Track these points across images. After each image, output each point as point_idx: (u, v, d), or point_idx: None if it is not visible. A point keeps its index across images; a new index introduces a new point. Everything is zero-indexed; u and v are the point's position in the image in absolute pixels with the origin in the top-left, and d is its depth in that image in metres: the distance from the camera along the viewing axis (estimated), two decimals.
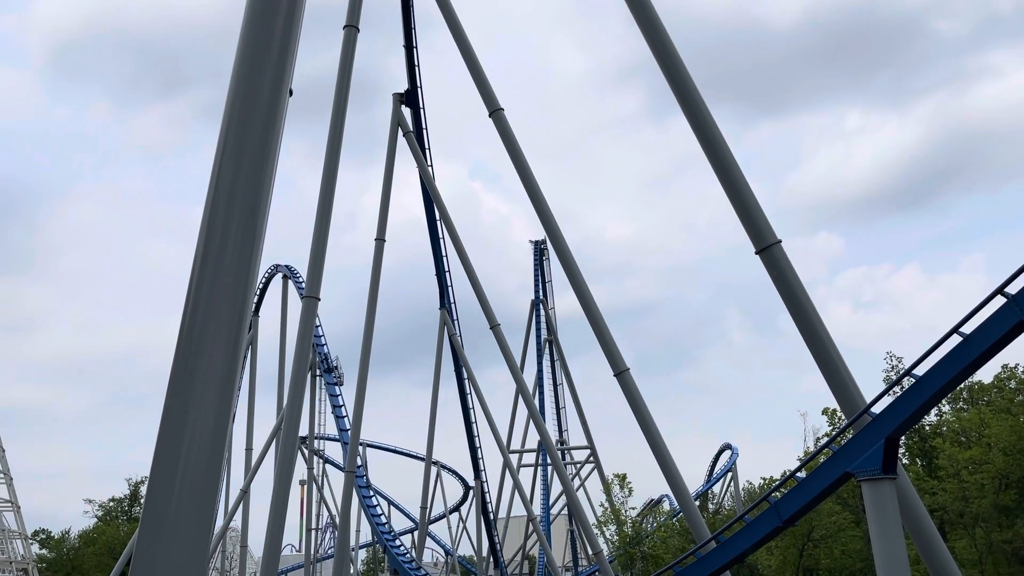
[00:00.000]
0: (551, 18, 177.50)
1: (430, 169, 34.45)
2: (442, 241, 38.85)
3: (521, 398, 47.80)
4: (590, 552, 37.59)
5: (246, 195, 5.88)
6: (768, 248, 14.85)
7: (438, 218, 37.04)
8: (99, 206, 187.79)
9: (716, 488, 69.60)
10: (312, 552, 51.97)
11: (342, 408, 48.75)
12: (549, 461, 56.26)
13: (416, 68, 33.74)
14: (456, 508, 65.83)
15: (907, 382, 14.93)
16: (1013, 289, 13.14)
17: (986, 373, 41.73)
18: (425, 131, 34.69)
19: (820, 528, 38.05)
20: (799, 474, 16.96)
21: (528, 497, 52.64)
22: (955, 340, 13.63)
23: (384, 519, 55.46)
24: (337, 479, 59.15)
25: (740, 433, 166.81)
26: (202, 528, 5.03)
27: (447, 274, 40.81)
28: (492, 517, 53.08)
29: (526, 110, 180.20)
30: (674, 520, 49.30)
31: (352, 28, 23.97)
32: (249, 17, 6.41)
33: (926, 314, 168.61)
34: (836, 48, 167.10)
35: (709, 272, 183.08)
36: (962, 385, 37.28)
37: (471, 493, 56.69)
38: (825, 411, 40.79)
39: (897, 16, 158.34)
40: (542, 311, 62.49)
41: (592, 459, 63.25)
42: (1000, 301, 13.24)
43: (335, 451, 58.78)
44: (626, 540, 44.38)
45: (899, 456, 14.69)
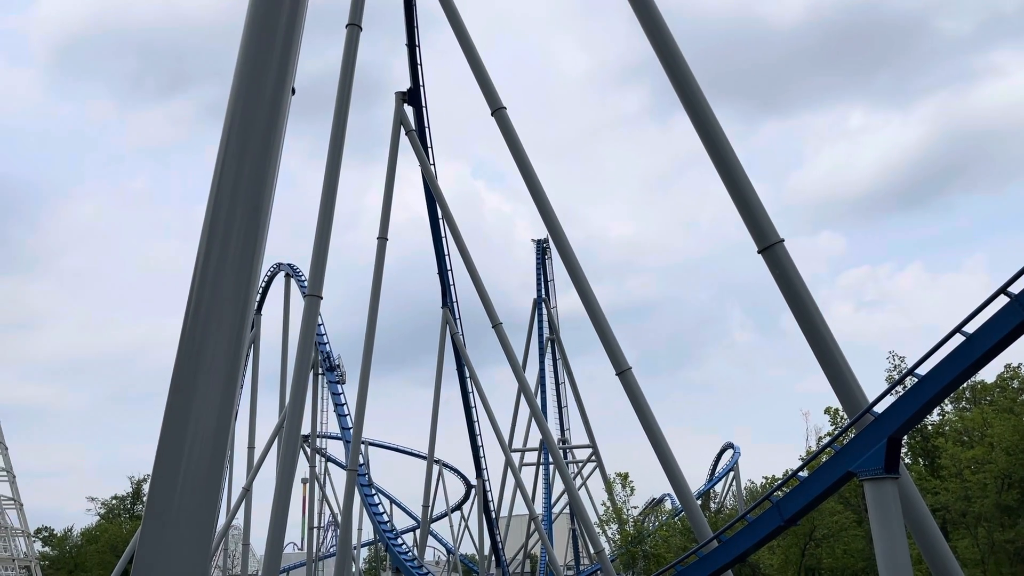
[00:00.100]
0: (554, 17, 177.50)
1: (432, 168, 34.46)
2: (444, 240, 38.88)
3: (523, 397, 47.79)
4: (592, 551, 37.56)
5: (249, 193, 5.88)
6: (771, 247, 14.84)
7: (440, 217, 37.04)
8: (102, 205, 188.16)
9: (718, 487, 69.61)
10: (314, 550, 52.03)
11: (344, 406, 48.81)
12: (551, 460, 56.23)
13: (419, 67, 33.75)
14: (458, 507, 65.87)
15: (909, 381, 14.91)
16: (1016, 289, 13.12)
17: (989, 373, 41.76)
18: (427, 130, 34.71)
19: (822, 527, 38.03)
20: (801, 473, 16.96)
21: (530, 496, 52.69)
22: (958, 339, 13.61)
23: (386, 517, 55.53)
24: (339, 477, 59.13)
25: (742, 432, 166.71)
26: (204, 526, 5.04)
27: (449, 273, 40.83)
28: (494, 516, 53.09)
29: (528, 109, 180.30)
30: (676, 519, 49.29)
31: (355, 27, 23.97)
32: (252, 16, 6.42)
33: (928, 313, 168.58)
34: (839, 47, 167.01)
35: (711, 271, 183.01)
36: (965, 384, 37.23)
37: (473, 492, 56.72)
38: (827, 410, 40.76)
39: (900, 15, 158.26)
40: (544, 310, 62.50)
41: (594, 458, 63.29)
42: (1003, 301, 13.22)
43: (337, 449, 58.94)
44: (628, 539, 44.38)
45: (901, 456, 14.67)
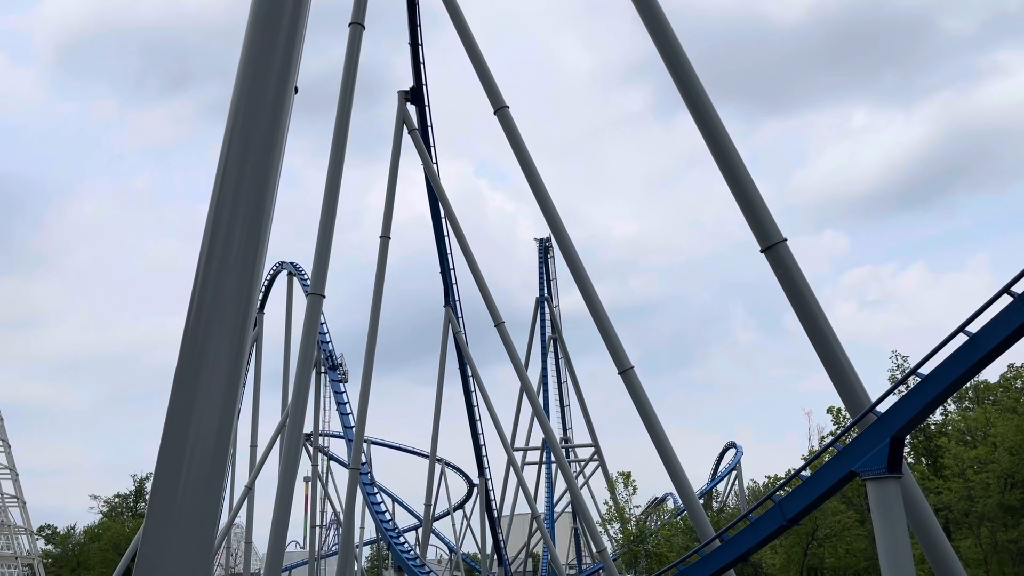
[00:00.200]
0: (557, 16, 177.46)
1: (435, 167, 34.46)
2: (447, 238, 38.88)
3: (525, 396, 47.79)
4: (594, 550, 37.56)
5: (251, 192, 5.88)
6: (773, 246, 14.82)
7: (443, 215, 37.05)
8: (105, 203, 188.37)
9: (720, 486, 69.53)
10: (316, 549, 52.10)
11: (346, 405, 48.83)
12: (553, 459, 56.24)
13: (421, 65, 33.75)
14: (460, 505, 65.88)
15: (912, 381, 14.89)
16: (1019, 288, 13.09)
17: (992, 372, 41.72)
18: (430, 128, 34.71)
19: (824, 527, 38.03)
20: (804, 473, 16.92)
21: (532, 495, 52.69)
22: (961, 339, 13.59)
23: (388, 516, 55.53)
24: (341, 476, 59.15)
25: (744, 431, 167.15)
26: (207, 524, 5.04)
27: (452, 271, 40.83)
28: (496, 515, 53.09)
29: (531, 108, 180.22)
30: (678, 518, 49.28)
31: (357, 25, 23.98)
32: (255, 15, 6.42)
33: (932, 313, 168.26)
34: (842, 46, 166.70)
35: (714, 271, 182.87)
36: (968, 384, 37.18)
37: (475, 490, 56.73)
38: (830, 410, 40.77)
39: (904, 14, 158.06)
40: (547, 309, 62.49)
41: (596, 457, 63.27)
42: (1006, 300, 13.19)
43: (339, 448, 58.92)
44: (630, 538, 44.40)
45: (904, 455, 14.65)
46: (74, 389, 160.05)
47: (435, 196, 36.28)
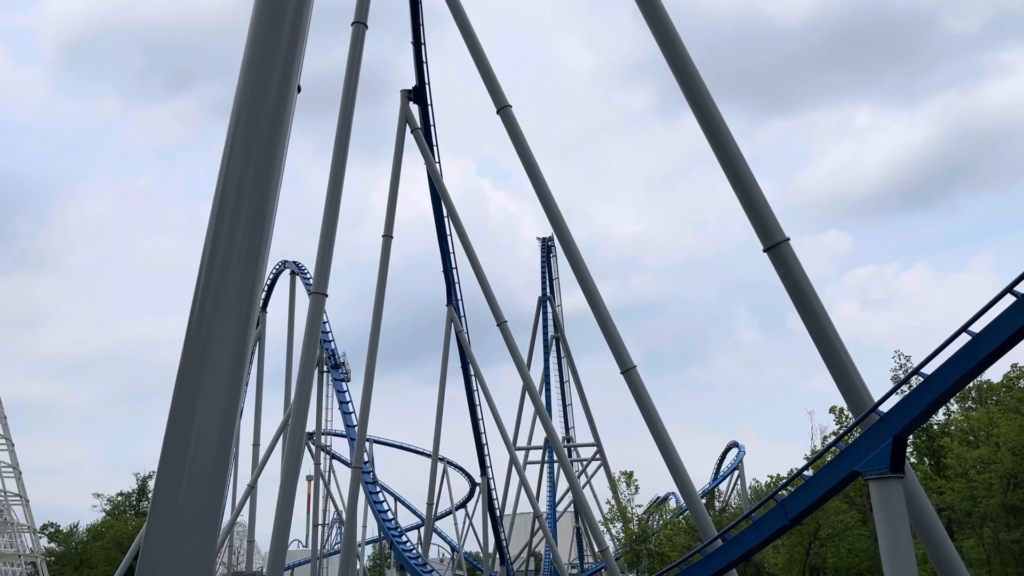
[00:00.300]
0: (560, 15, 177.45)
1: (438, 166, 34.47)
2: (449, 238, 38.89)
3: (528, 395, 47.76)
4: (596, 549, 37.56)
5: (254, 191, 5.88)
6: (776, 246, 14.81)
7: (446, 215, 37.07)
8: (108, 202, 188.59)
9: (723, 486, 69.45)
10: (319, 547, 52.16)
11: (349, 404, 48.87)
12: (555, 458, 56.25)
13: (424, 64, 33.75)
14: (462, 505, 65.90)
15: (915, 381, 14.87)
16: (1022, 288, 13.08)
17: (995, 372, 41.69)
18: (433, 128, 34.72)
19: (827, 527, 37.99)
20: (806, 472, 16.91)
21: (534, 494, 52.67)
22: (964, 339, 13.57)
23: (390, 515, 55.55)
24: (344, 475, 59.36)
25: (747, 431, 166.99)
26: (209, 523, 5.05)
27: (454, 271, 40.85)
28: (498, 514, 53.11)
29: (534, 107, 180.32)
30: (680, 518, 49.26)
31: (360, 24, 23.97)
32: (258, 13, 6.42)
33: (935, 313, 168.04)
34: (846, 46, 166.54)
35: (717, 270, 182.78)
36: (971, 384, 37.14)
37: (477, 490, 56.75)
38: (832, 409, 40.73)
39: (907, 14, 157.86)
40: (549, 308, 62.48)
41: (598, 456, 63.27)
42: (1009, 300, 13.18)
43: (342, 447, 58.95)
44: (632, 537, 44.34)
45: (907, 455, 14.64)
46: (77, 387, 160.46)
47: (438, 195, 36.29)
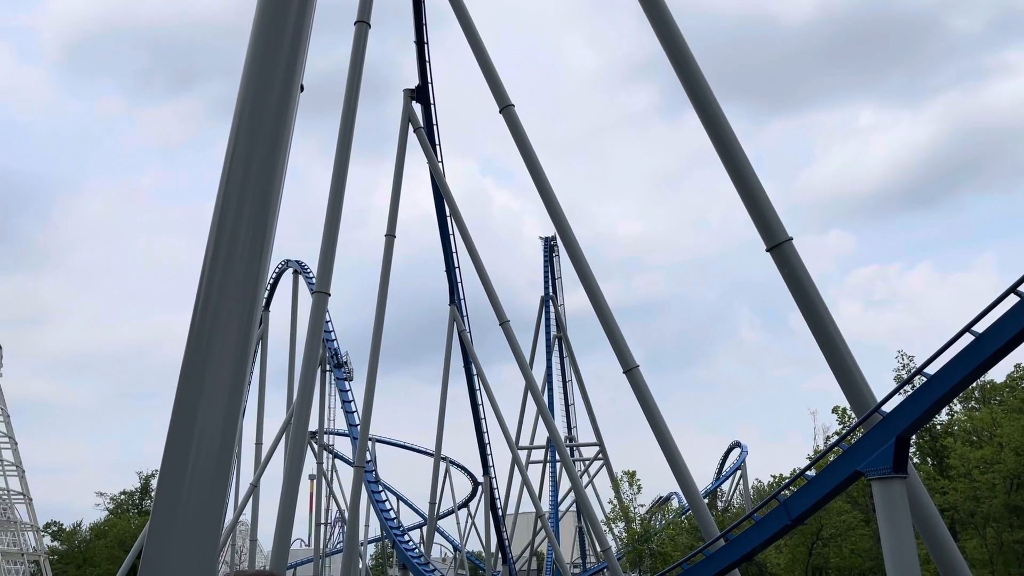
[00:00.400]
0: (563, 15, 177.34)
1: (440, 165, 34.49)
2: (452, 237, 38.92)
3: (530, 394, 47.78)
4: (598, 549, 37.59)
5: (257, 190, 5.88)
6: (779, 246, 14.79)
7: (448, 214, 37.09)
8: (111, 201, 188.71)
9: (725, 486, 69.43)
10: (321, 546, 52.20)
11: (352, 403, 48.90)
12: (558, 458, 56.24)
13: (427, 64, 33.78)
14: (465, 504, 65.95)
15: (918, 381, 14.86)
16: None
17: (998, 372, 41.59)
18: (436, 127, 34.75)
19: (829, 527, 37.96)
20: (809, 472, 16.91)
21: (537, 494, 52.69)
22: (967, 339, 13.56)
23: (393, 514, 55.60)
24: (346, 474, 59.37)
25: (749, 431, 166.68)
26: (212, 521, 5.05)
27: (457, 270, 40.88)
28: (501, 513, 53.14)
29: (537, 106, 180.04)
30: (683, 518, 49.25)
31: (363, 24, 23.98)
32: (261, 12, 6.43)
33: (938, 313, 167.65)
34: (849, 45, 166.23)
35: (719, 270, 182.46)
36: (974, 384, 37.08)
37: (480, 489, 56.78)
38: (835, 409, 40.72)
39: (911, 13, 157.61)
40: (552, 307, 62.46)
41: (601, 456, 63.26)
42: (1013, 300, 13.16)
43: (344, 446, 59.05)
44: (635, 537, 44.35)
45: (909, 455, 14.62)
46: (80, 386, 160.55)
47: (440, 194, 36.30)
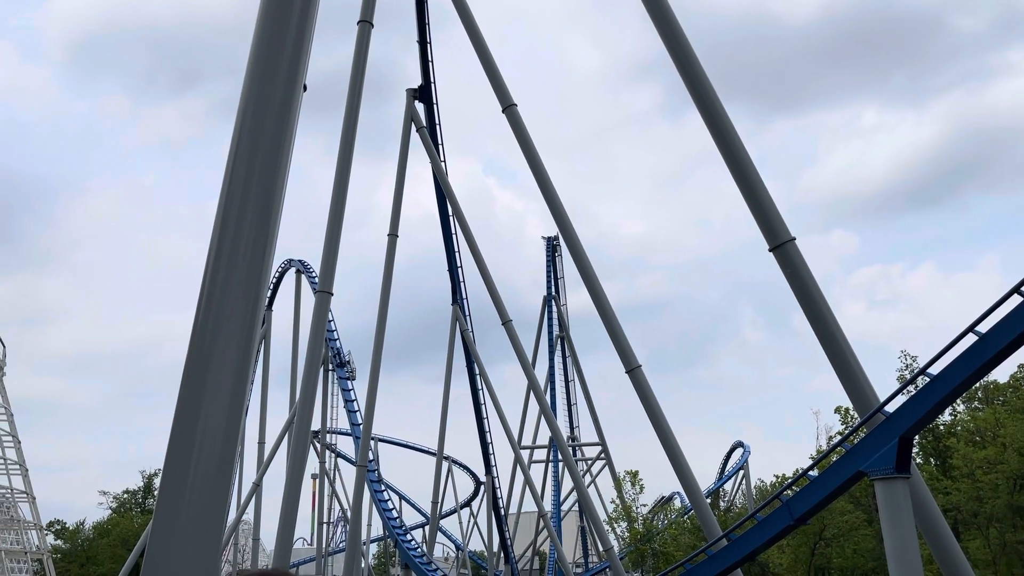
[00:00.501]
0: (566, 14, 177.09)
1: (443, 165, 34.49)
2: (455, 237, 38.92)
3: (533, 394, 47.79)
4: (601, 549, 37.59)
5: (260, 190, 5.89)
6: (782, 245, 14.77)
7: (451, 213, 37.09)
8: (114, 200, 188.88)
9: (728, 486, 69.34)
10: (324, 545, 52.24)
11: (354, 403, 48.94)
12: (560, 457, 56.23)
13: (430, 64, 33.78)
14: (467, 503, 65.96)
15: (921, 381, 14.84)
16: None
17: (1002, 372, 41.58)
18: (438, 127, 34.75)
19: (832, 527, 37.93)
20: (811, 472, 16.89)
21: (539, 493, 52.67)
22: (971, 339, 13.54)
23: (395, 514, 55.66)
24: (349, 473, 59.33)
25: (752, 431, 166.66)
26: (215, 520, 5.05)
27: (459, 270, 40.89)
28: (503, 513, 53.15)
29: (540, 106, 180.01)
30: (685, 517, 49.20)
31: (366, 23, 23.98)
32: (264, 12, 6.43)
33: (941, 313, 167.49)
34: (852, 45, 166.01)
35: (722, 269, 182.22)
36: (977, 384, 37.03)
37: (482, 488, 56.79)
38: (838, 409, 40.69)
39: (915, 12, 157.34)
40: (554, 307, 62.45)
41: (603, 455, 63.25)
42: (1017, 300, 13.14)
43: (347, 445, 59.08)
44: (637, 537, 44.33)
45: (912, 455, 14.60)
46: (83, 385, 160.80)
47: (443, 194, 36.30)
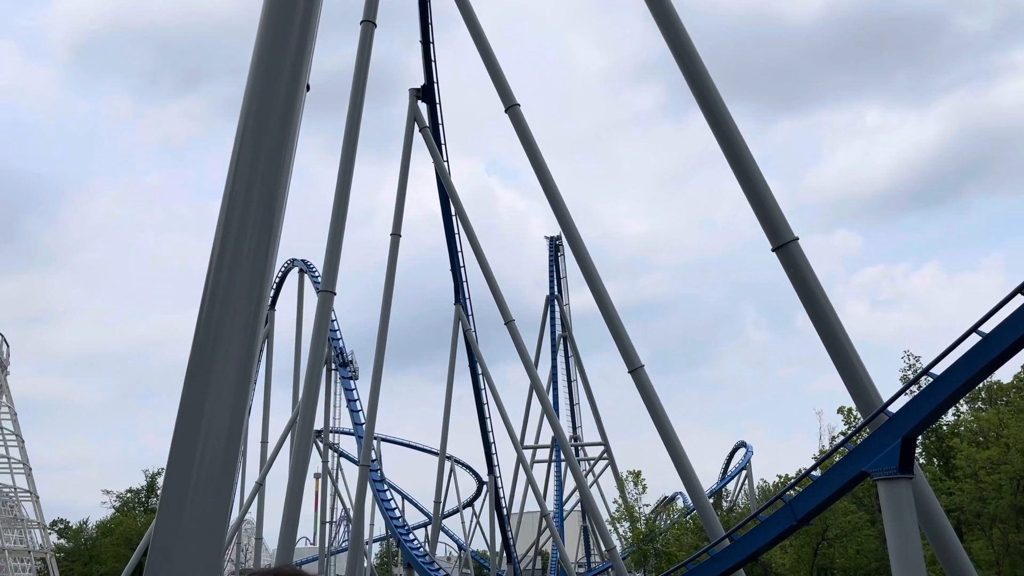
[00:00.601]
0: (568, 14, 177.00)
1: (446, 165, 34.49)
2: (458, 237, 38.93)
3: (535, 394, 47.79)
4: (603, 548, 37.56)
5: (263, 190, 5.90)
6: (785, 245, 14.76)
7: (454, 214, 37.08)
8: (118, 200, 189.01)
9: (730, 486, 69.32)
10: (326, 545, 52.28)
11: (357, 402, 48.99)
12: (563, 457, 56.23)
13: (433, 63, 33.80)
14: (470, 503, 66.00)
15: (925, 381, 14.83)
16: None
17: (1005, 373, 41.48)
18: (441, 127, 34.76)
19: (835, 527, 37.90)
20: (814, 473, 16.89)
21: (541, 493, 52.71)
22: (974, 339, 13.52)
23: (398, 513, 55.71)
24: (351, 473, 59.39)
25: (755, 431, 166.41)
26: (218, 520, 5.06)
27: (462, 269, 40.91)
28: (505, 512, 53.15)
29: (543, 106, 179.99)
30: (688, 518, 49.20)
31: (369, 23, 24.00)
32: (267, 12, 6.44)
33: (944, 313, 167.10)
34: (856, 45, 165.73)
35: (725, 269, 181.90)
36: (980, 385, 36.97)
37: (485, 488, 56.81)
38: (841, 410, 40.63)
39: (918, 12, 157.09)
40: (557, 307, 62.45)
41: (606, 456, 63.23)
42: (1020, 300, 13.11)
43: (350, 445, 59.11)
44: (639, 537, 44.33)
45: (916, 456, 14.58)
46: (87, 384, 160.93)
47: (446, 194, 36.32)
